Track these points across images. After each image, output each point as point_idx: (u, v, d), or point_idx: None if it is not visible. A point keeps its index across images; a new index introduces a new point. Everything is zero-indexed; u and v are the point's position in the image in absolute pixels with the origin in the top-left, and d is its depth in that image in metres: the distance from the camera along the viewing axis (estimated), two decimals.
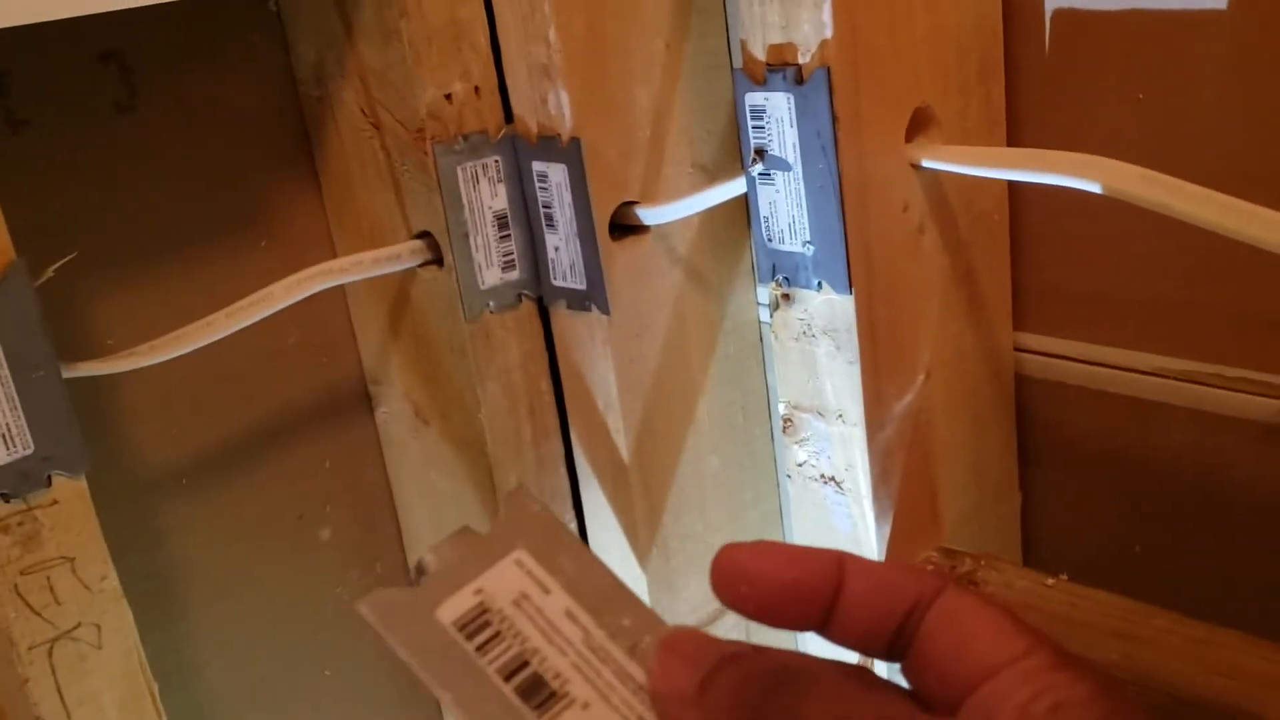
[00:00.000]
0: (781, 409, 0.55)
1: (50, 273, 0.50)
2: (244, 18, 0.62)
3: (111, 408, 0.60)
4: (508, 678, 0.30)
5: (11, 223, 0.46)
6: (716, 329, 0.68)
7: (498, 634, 0.31)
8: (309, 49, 0.62)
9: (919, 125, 0.51)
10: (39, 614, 0.48)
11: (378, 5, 0.57)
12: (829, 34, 0.46)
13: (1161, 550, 0.56)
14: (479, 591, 0.31)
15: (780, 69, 0.48)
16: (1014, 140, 0.55)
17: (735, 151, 0.66)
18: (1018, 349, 0.59)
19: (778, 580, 0.30)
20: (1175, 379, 0.54)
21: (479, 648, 0.31)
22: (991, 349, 0.58)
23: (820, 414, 0.53)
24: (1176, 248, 0.52)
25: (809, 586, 0.30)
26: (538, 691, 0.30)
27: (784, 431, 0.55)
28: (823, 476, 0.54)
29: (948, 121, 0.52)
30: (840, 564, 0.31)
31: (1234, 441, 0.52)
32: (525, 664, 0.31)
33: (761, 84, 0.49)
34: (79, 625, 0.50)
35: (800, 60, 0.47)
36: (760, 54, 0.48)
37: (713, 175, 0.66)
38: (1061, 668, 0.27)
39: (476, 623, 0.31)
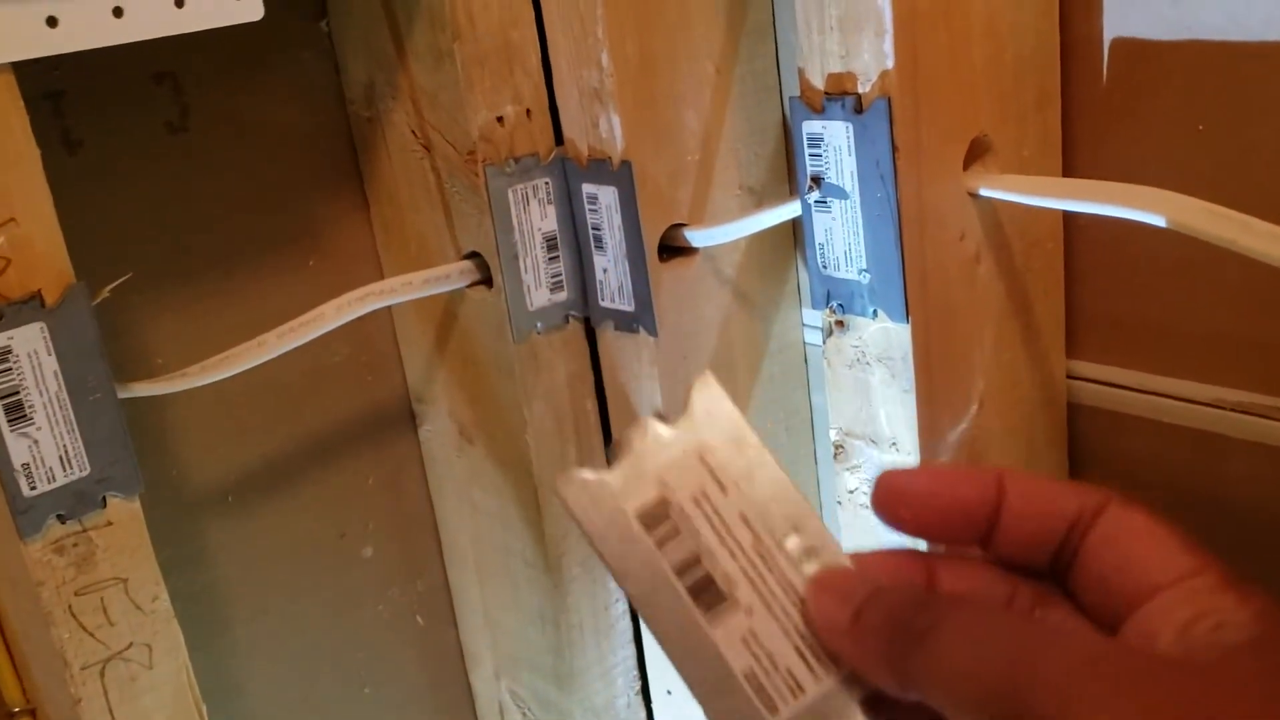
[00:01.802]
0: (833, 435, 0.55)
1: (106, 293, 0.51)
2: (295, 37, 0.62)
3: (158, 424, 0.60)
4: (680, 573, 0.32)
5: (68, 242, 0.46)
6: (762, 350, 0.68)
7: (676, 530, 0.32)
8: (360, 69, 0.62)
9: (975, 153, 0.51)
10: (92, 634, 0.49)
11: (430, 27, 0.57)
12: (890, 64, 0.45)
13: None
14: (663, 484, 0.32)
15: (839, 98, 0.47)
16: (1070, 168, 0.54)
17: (783, 174, 0.66)
18: (1071, 376, 0.58)
19: (937, 501, 0.31)
20: (1233, 410, 0.53)
21: (658, 541, 0.32)
22: (1045, 377, 0.57)
23: (873, 441, 0.53)
24: (1235, 278, 0.51)
25: (968, 505, 0.31)
26: (706, 591, 0.31)
27: (835, 458, 0.55)
28: None
29: (1004, 150, 0.51)
30: (1000, 481, 0.31)
31: None
32: (698, 562, 0.32)
33: (820, 112, 0.49)
34: (131, 645, 0.50)
35: (860, 90, 0.47)
36: (819, 82, 0.48)
37: (760, 197, 0.65)
38: (1227, 589, 0.27)
39: (658, 515, 0.32)
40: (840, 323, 0.52)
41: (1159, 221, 0.43)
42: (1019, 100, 0.51)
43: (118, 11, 0.45)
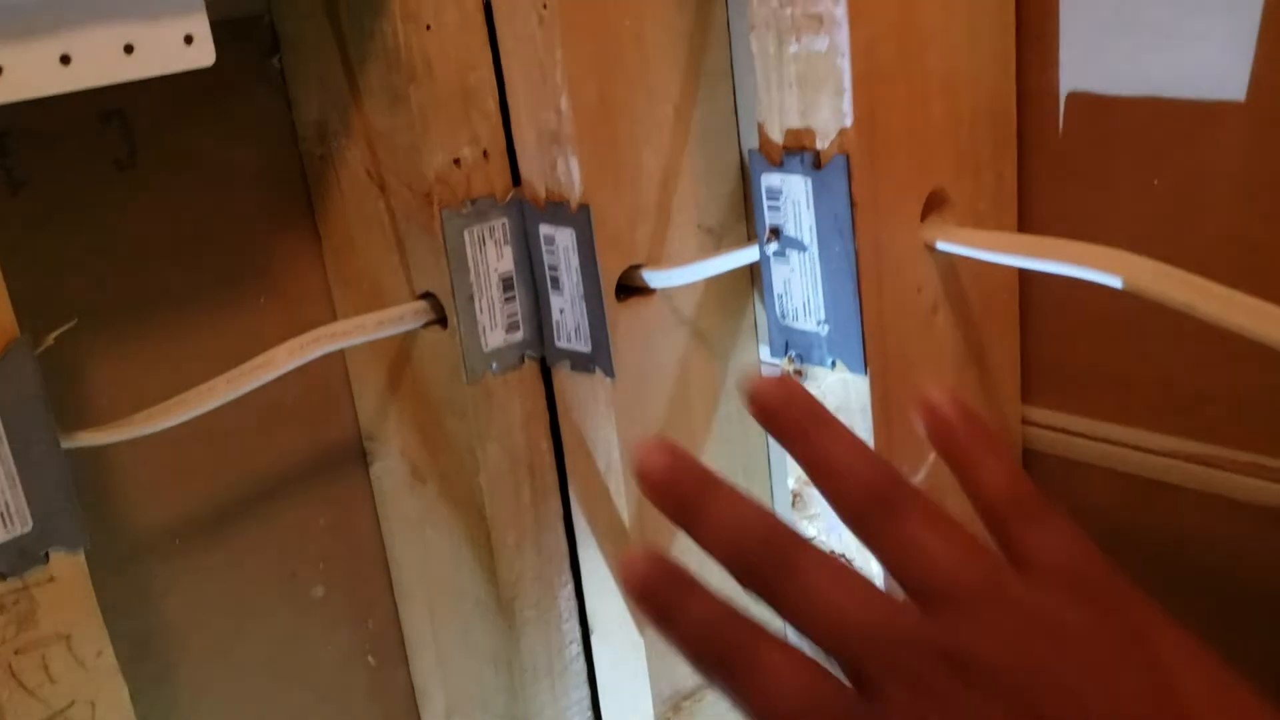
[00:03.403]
0: (791, 483, 0.54)
1: (50, 341, 0.50)
2: (247, 73, 0.61)
3: (102, 466, 0.59)
4: None
5: (10, 286, 0.45)
6: (719, 389, 0.68)
7: None
8: (313, 107, 0.61)
9: (932, 205, 0.51)
10: (33, 694, 0.47)
11: (386, 68, 0.56)
12: (848, 122, 0.45)
13: None
14: None
15: (798, 153, 0.47)
16: (1026, 219, 0.55)
17: (741, 213, 0.66)
18: (1027, 423, 0.59)
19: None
20: (1185, 460, 0.54)
21: None
22: (1001, 424, 0.57)
23: None
24: (1189, 330, 0.52)
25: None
26: None
27: (793, 506, 0.55)
28: (832, 553, 0.53)
29: (961, 202, 0.51)
30: None
31: (1243, 527, 0.52)
32: None
33: (778, 166, 0.48)
34: (73, 704, 0.49)
35: (819, 146, 0.47)
36: (777, 137, 0.48)
37: (719, 236, 0.65)
38: None
39: None
40: (799, 372, 0.52)
41: (1115, 282, 0.44)
42: (975, 153, 0.51)
43: (65, 59, 0.44)
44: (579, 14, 0.55)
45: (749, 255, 0.56)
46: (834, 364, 0.51)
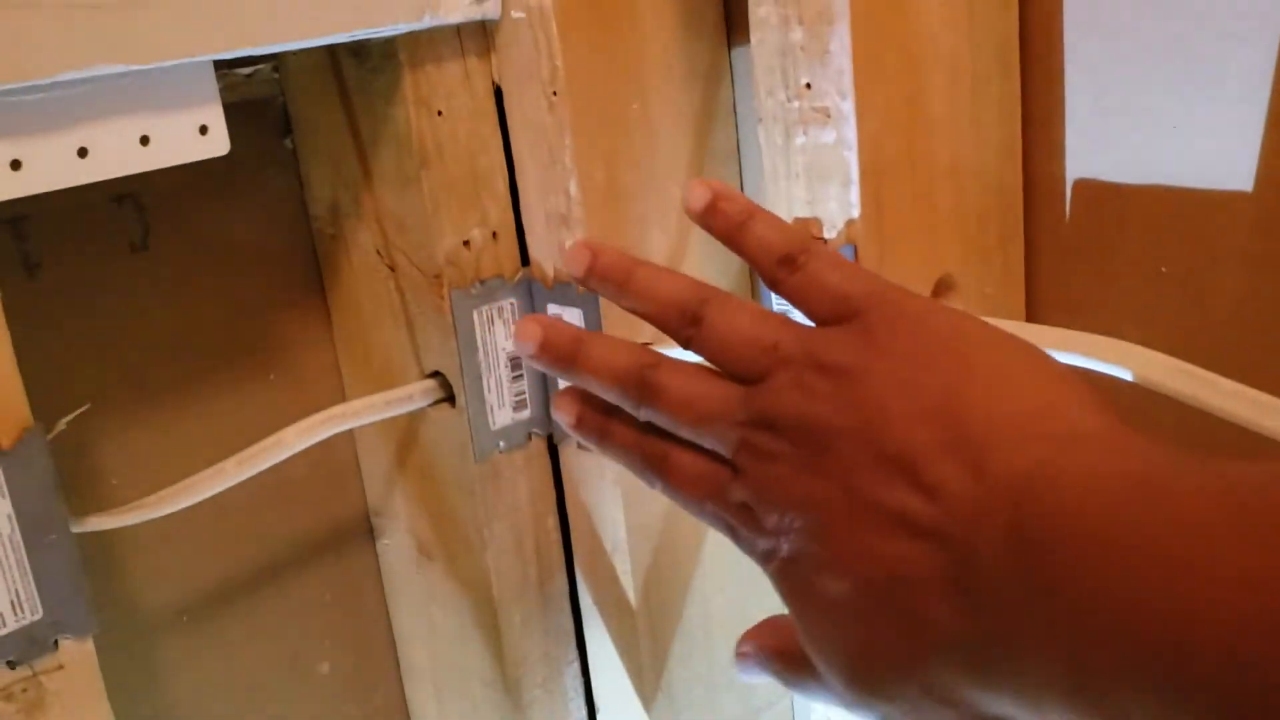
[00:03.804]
0: None
1: (62, 425, 0.50)
2: (260, 154, 0.61)
3: (111, 545, 0.59)
4: None
5: (24, 369, 0.45)
6: None
7: None
8: (325, 187, 0.62)
9: (940, 290, 0.51)
10: None
11: (397, 152, 0.57)
12: (856, 214, 0.46)
13: None
14: None
15: None
16: (1034, 302, 0.55)
17: (749, 290, 0.66)
18: None
19: None
20: None
21: None
22: None
23: None
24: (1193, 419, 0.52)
25: None
26: None
27: None
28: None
29: (968, 287, 0.52)
30: None
31: None
32: None
33: None
34: None
35: (826, 235, 0.47)
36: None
37: None
38: None
39: None
40: None
41: (1125, 375, 0.44)
42: (982, 239, 0.52)
43: (83, 152, 0.45)
44: (587, 99, 0.56)
45: None
46: None
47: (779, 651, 0.38)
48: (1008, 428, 0.31)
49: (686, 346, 0.38)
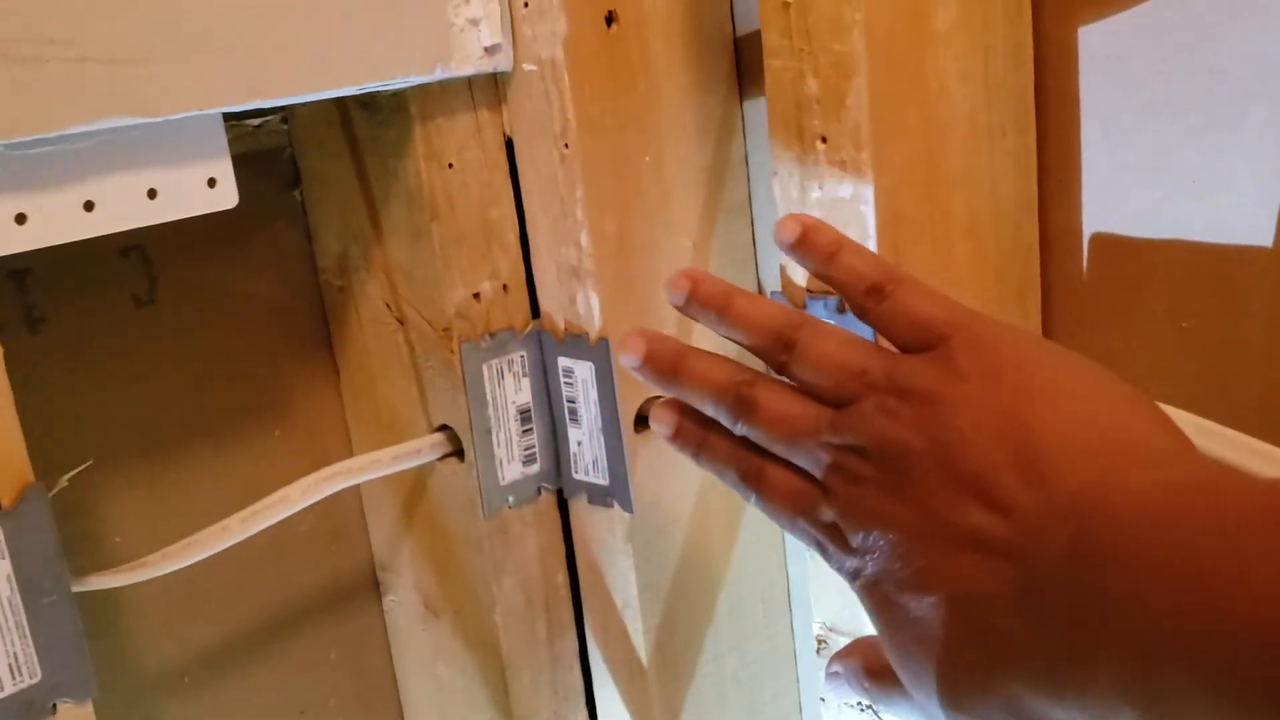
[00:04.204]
0: (816, 629, 0.53)
1: (64, 482, 0.49)
2: (268, 206, 0.61)
3: (112, 603, 0.58)
4: None
5: (26, 426, 0.44)
6: (738, 519, 0.67)
7: None
8: (334, 239, 0.61)
9: None
10: None
11: (408, 205, 0.56)
12: None
13: None
14: None
15: (821, 297, 0.47)
16: None
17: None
18: None
19: None
20: None
21: None
22: None
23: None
24: None
25: None
26: None
27: (818, 652, 0.53)
28: (860, 704, 0.52)
29: None
30: None
31: None
32: None
33: (801, 308, 0.48)
34: None
35: None
36: (800, 280, 0.48)
37: None
38: None
39: None
40: None
41: None
42: (1000, 292, 0.51)
43: (89, 205, 0.44)
44: (599, 151, 0.55)
45: None
46: None
47: (868, 669, 0.40)
48: (1072, 445, 0.33)
49: (780, 371, 0.40)
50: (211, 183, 0.48)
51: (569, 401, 0.60)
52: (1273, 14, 0.44)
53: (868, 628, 0.51)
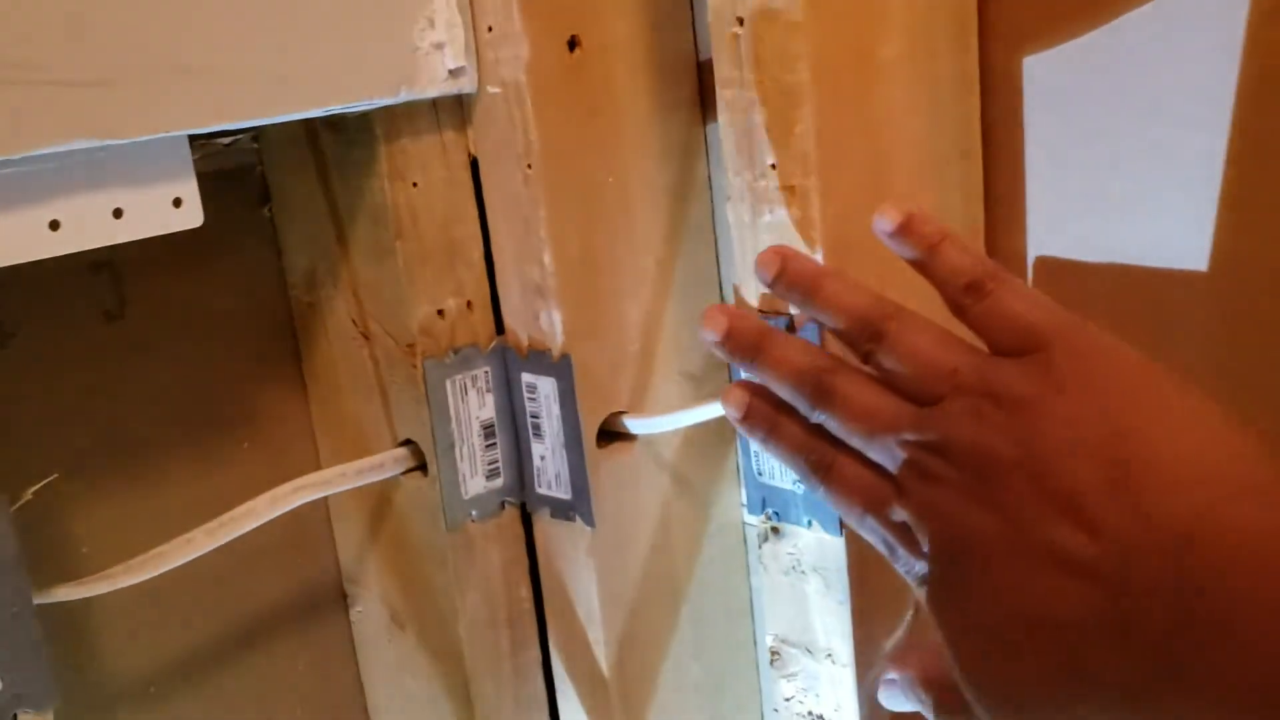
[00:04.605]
0: (769, 641, 0.54)
1: (29, 495, 0.50)
2: (238, 223, 0.62)
3: (76, 613, 0.59)
4: None
5: None
6: (701, 533, 0.68)
7: None
8: (302, 256, 0.62)
9: None
10: None
11: (373, 223, 0.57)
12: None
13: None
14: None
15: (773, 317, 0.48)
16: None
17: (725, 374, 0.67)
18: None
19: None
20: None
21: None
22: None
23: (809, 651, 0.53)
24: None
25: None
26: None
27: (771, 664, 0.54)
28: (810, 714, 0.53)
29: None
30: None
31: None
32: None
33: None
34: None
35: (792, 311, 0.48)
36: (753, 301, 0.49)
37: (700, 382, 0.66)
38: None
39: None
40: (776, 529, 0.53)
41: None
42: (946, 315, 0.52)
43: (54, 225, 0.45)
44: (562, 172, 0.57)
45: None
46: (810, 523, 0.51)
47: (927, 680, 0.39)
48: (1172, 472, 0.32)
49: (865, 361, 0.39)
50: (177, 202, 0.49)
51: (532, 417, 0.61)
52: (1206, 48, 0.45)
53: (820, 639, 0.52)
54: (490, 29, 0.55)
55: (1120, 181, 0.49)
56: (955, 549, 0.35)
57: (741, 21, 0.45)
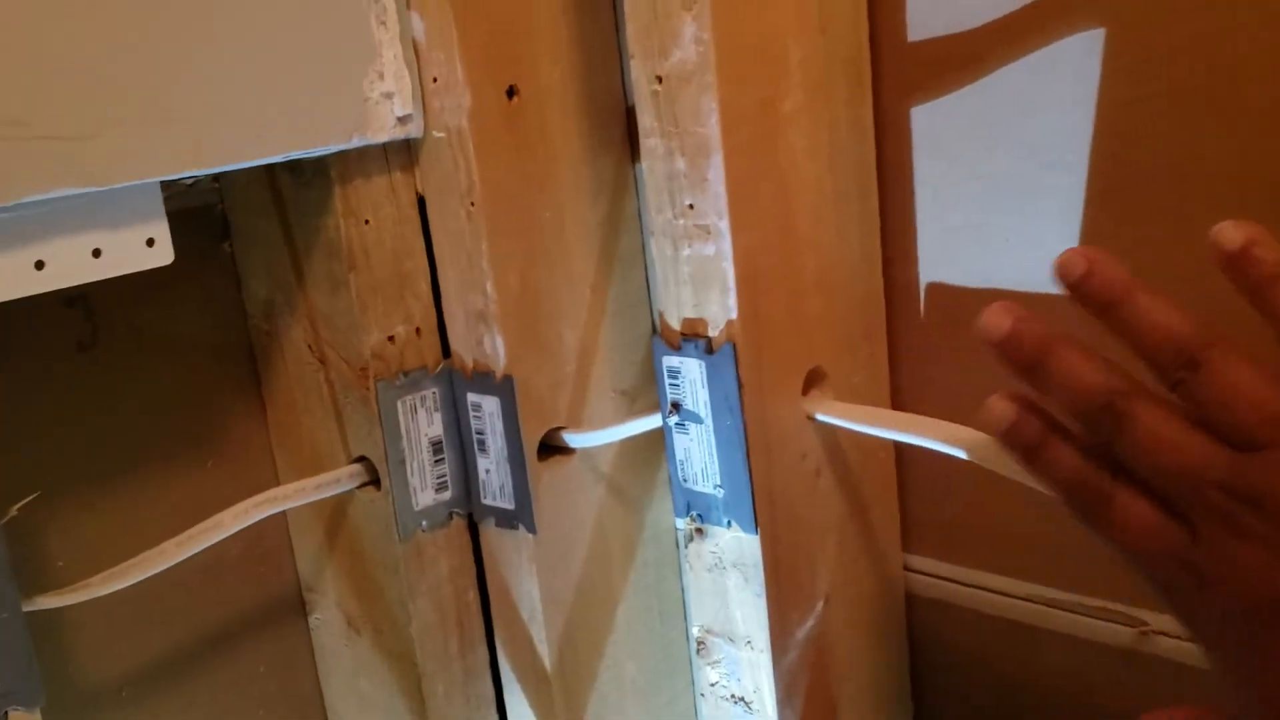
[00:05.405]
0: (695, 632, 0.60)
1: (14, 511, 0.54)
2: (202, 258, 0.67)
3: (54, 621, 0.63)
4: None
5: None
6: (636, 539, 0.73)
7: None
8: (261, 288, 0.67)
9: (813, 381, 0.58)
10: None
11: (328, 257, 0.62)
12: (734, 315, 0.52)
13: None
14: None
15: (693, 339, 0.54)
16: (899, 389, 0.62)
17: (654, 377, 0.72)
18: (907, 569, 0.65)
19: None
20: (1045, 605, 0.60)
21: None
22: (884, 573, 0.63)
23: (730, 639, 0.58)
24: None
25: None
26: None
27: (697, 653, 0.60)
28: (733, 696, 0.59)
29: (838, 378, 0.58)
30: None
31: (1096, 664, 0.58)
32: None
33: (677, 350, 0.55)
34: None
35: (710, 334, 0.54)
36: (676, 324, 0.55)
37: (633, 398, 0.71)
38: None
39: None
40: (700, 530, 0.58)
41: (960, 454, 0.50)
42: (849, 336, 0.58)
43: (40, 264, 0.50)
44: (503, 208, 0.62)
45: (657, 422, 0.63)
46: (729, 523, 0.57)
47: None
48: None
49: (1172, 389, 0.35)
50: (150, 242, 0.54)
51: (477, 433, 0.67)
52: (1066, 100, 0.52)
53: (740, 628, 0.58)
54: (435, 80, 0.60)
55: (997, 216, 0.56)
56: (1262, 613, 0.33)
57: (660, 80, 0.51)
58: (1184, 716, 0.37)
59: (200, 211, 0.67)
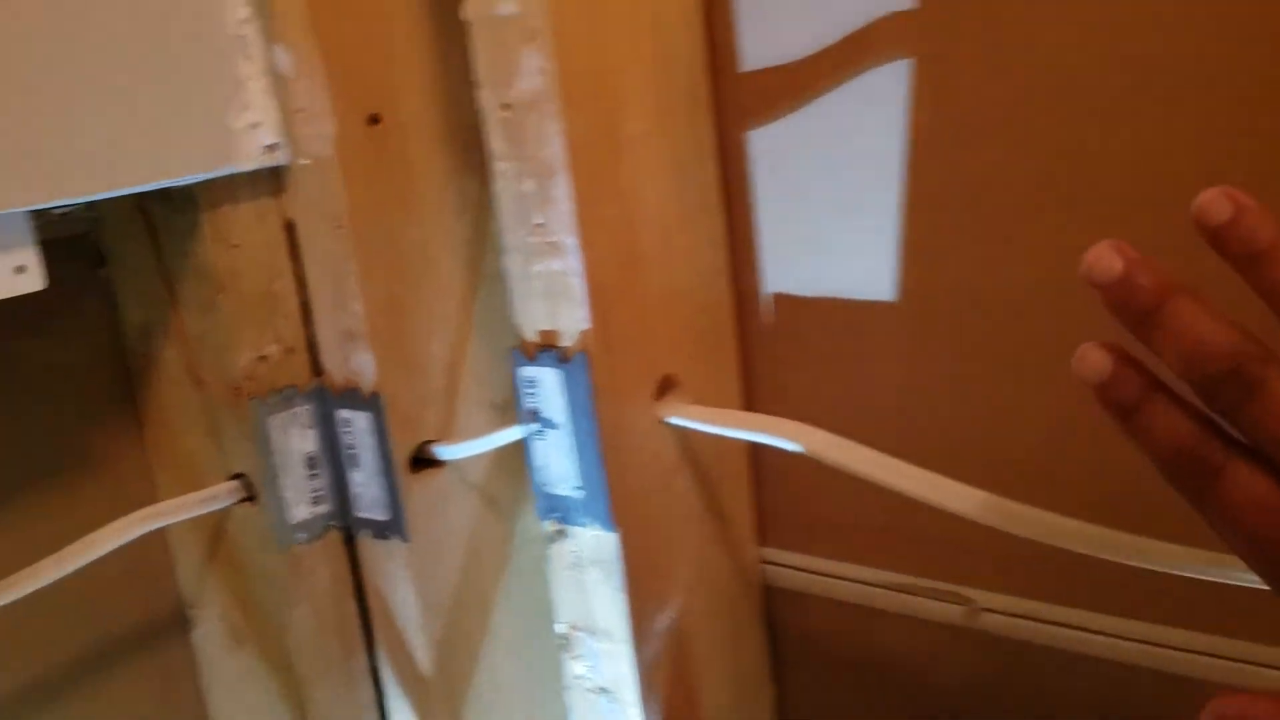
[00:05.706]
0: (560, 628, 0.63)
1: None
2: (77, 283, 0.68)
3: None
4: None
5: None
6: (509, 546, 0.76)
7: None
8: (137, 312, 0.69)
9: (666, 387, 0.62)
10: None
11: (199, 281, 0.65)
12: (586, 326, 0.56)
13: None
14: None
15: (548, 349, 0.58)
16: (751, 393, 0.66)
17: None
18: (764, 561, 0.69)
19: None
20: (886, 588, 0.65)
21: None
22: (741, 565, 0.68)
23: (592, 633, 0.62)
24: None
25: None
26: None
27: (563, 648, 0.63)
28: (597, 688, 0.62)
29: (690, 383, 0.62)
30: None
31: (932, 641, 0.63)
32: None
33: (533, 360, 0.59)
34: None
35: (564, 344, 0.57)
36: (532, 336, 0.58)
37: (504, 410, 0.75)
38: None
39: None
40: (561, 531, 0.62)
41: (799, 449, 0.55)
42: (699, 344, 0.63)
43: None
44: (369, 230, 0.65)
45: (519, 432, 0.66)
46: (589, 523, 0.60)
47: None
48: None
49: (1223, 414, 0.32)
50: (20, 269, 0.55)
51: (349, 448, 0.69)
52: (881, 123, 0.57)
53: (600, 622, 0.61)
54: (300, 110, 0.63)
55: (826, 230, 0.60)
56: None
57: (507, 107, 0.55)
58: (1266, 702, 0.32)
59: (75, 239, 0.68)
